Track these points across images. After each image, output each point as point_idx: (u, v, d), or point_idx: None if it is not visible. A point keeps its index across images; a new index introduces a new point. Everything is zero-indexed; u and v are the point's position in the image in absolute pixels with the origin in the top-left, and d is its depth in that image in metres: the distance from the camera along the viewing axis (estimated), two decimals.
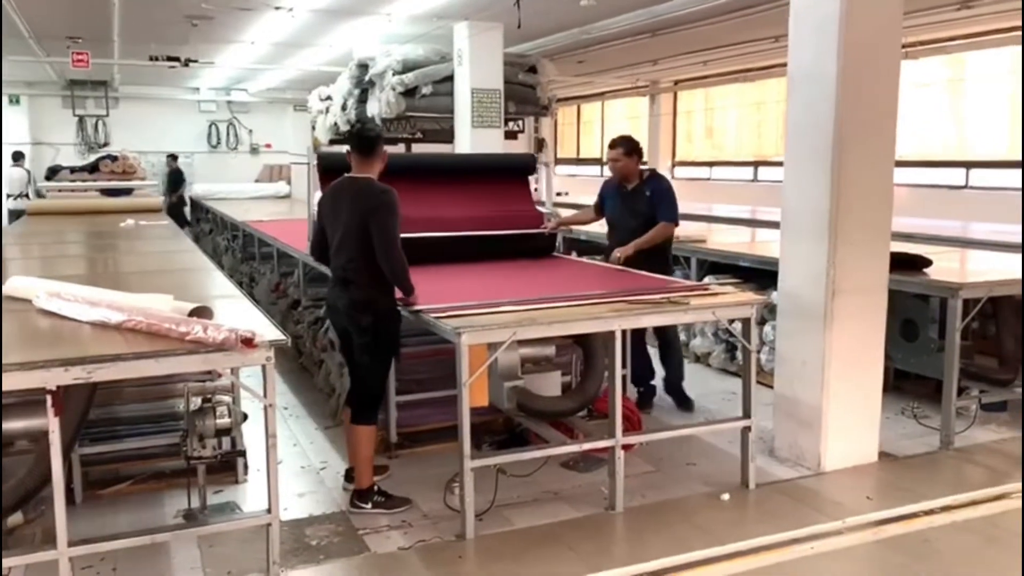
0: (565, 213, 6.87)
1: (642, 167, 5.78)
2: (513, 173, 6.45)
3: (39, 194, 12.98)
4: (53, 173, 13.69)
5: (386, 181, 4.24)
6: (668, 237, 5.66)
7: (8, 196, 13.04)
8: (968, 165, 10.61)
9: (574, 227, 6.92)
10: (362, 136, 4.35)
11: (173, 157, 16.47)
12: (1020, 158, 8.86)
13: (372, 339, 4.18)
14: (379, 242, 4.04)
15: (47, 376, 3.02)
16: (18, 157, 13.88)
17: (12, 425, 3.43)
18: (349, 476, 4.48)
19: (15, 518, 3.57)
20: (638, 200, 5.67)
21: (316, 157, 5.46)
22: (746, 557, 3.72)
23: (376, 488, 4.27)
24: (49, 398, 3.05)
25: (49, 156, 15.95)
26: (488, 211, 5.99)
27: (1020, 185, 9.01)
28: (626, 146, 5.72)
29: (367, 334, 4.18)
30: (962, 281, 5.02)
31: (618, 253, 5.54)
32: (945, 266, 5.50)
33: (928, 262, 5.34)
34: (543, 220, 6.15)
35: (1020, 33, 9.19)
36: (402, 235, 4.15)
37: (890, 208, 4.69)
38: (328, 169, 5.09)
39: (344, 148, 4.55)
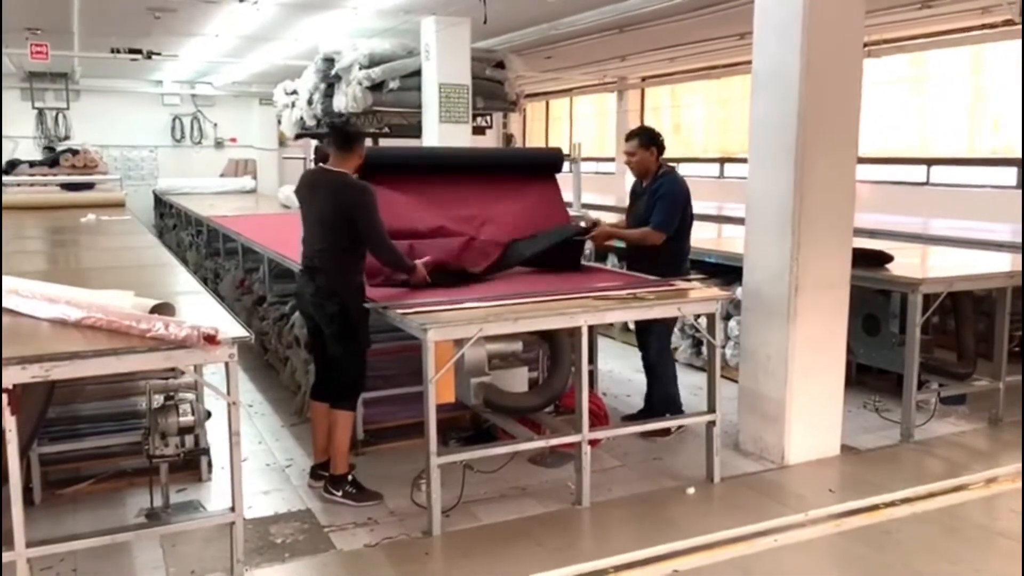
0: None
1: (666, 164, 5.18)
2: (540, 171, 5.73)
3: None
4: (12, 167, 13.40)
5: (396, 178, 4.35)
6: (651, 244, 5.01)
7: None
8: (929, 162, 10.79)
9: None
10: (344, 131, 4.50)
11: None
12: (1020, 156, 8.99)
13: (340, 327, 4.22)
14: (370, 242, 4.20)
15: (3, 374, 2.96)
16: None
17: None
18: (315, 473, 4.45)
19: None
20: (641, 200, 5.16)
21: (314, 149, 5.33)
22: (711, 550, 3.76)
23: (350, 478, 4.26)
24: (5, 396, 2.99)
25: (7, 150, 15.61)
26: (513, 212, 5.34)
27: (1017, 183, 9.14)
28: (642, 138, 5.14)
29: (334, 322, 4.22)
30: (922, 277, 5.11)
31: (596, 233, 5.16)
32: (906, 262, 5.58)
33: (889, 258, 5.42)
34: (575, 223, 5.53)
35: (979, 32, 9.36)
36: (415, 240, 4.46)
37: (852, 205, 4.75)
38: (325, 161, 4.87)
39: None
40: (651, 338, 5.21)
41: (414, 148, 8.17)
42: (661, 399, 5.20)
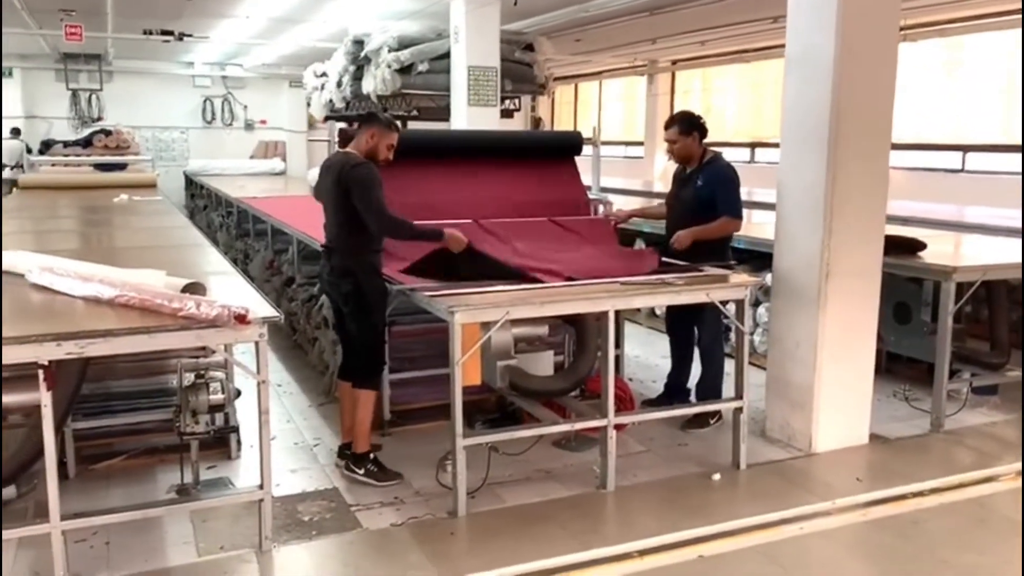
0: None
1: (709, 149, 5.09)
2: (558, 154, 5.75)
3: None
4: (47, 147, 13.61)
5: (416, 161, 4.43)
6: (730, 233, 5.05)
7: (5, 166, 13.04)
8: (965, 149, 10.60)
9: (639, 219, 6.15)
10: (362, 114, 4.48)
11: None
12: (1020, 143, 8.85)
13: (355, 306, 4.26)
14: (366, 216, 4.14)
15: (40, 351, 3.03)
16: (16, 132, 14.28)
17: (5, 399, 3.44)
18: (342, 452, 4.50)
19: (8, 492, 3.58)
20: (687, 186, 5.05)
21: (338, 132, 5.31)
22: (736, 536, 3.75)
23: (372, 457, 4.31)
24: (41, 372, 3.05)
25: (42, 130, 15.85)
26: (531, 196, 5.39)
27: (1020, 170, 9.01)
28: (682, 124, 4.98)
29: (349, 301, 4.27)
30: (956, 265, 5.03)
31: (674, 242, 4.90)
32: (939, 250, 5.50)
33: (922, 245, 5.35)
34: (592, 207, 5.59)
35: (1019, 16, 9.17)
36: (433, 222, 4.31)
37: (885, 191, 4.68)
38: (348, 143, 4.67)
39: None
40: (703, 327, 5.13)
41: (429, 131, 8.15)
42: (706, 391, 5.09)
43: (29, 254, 4.33)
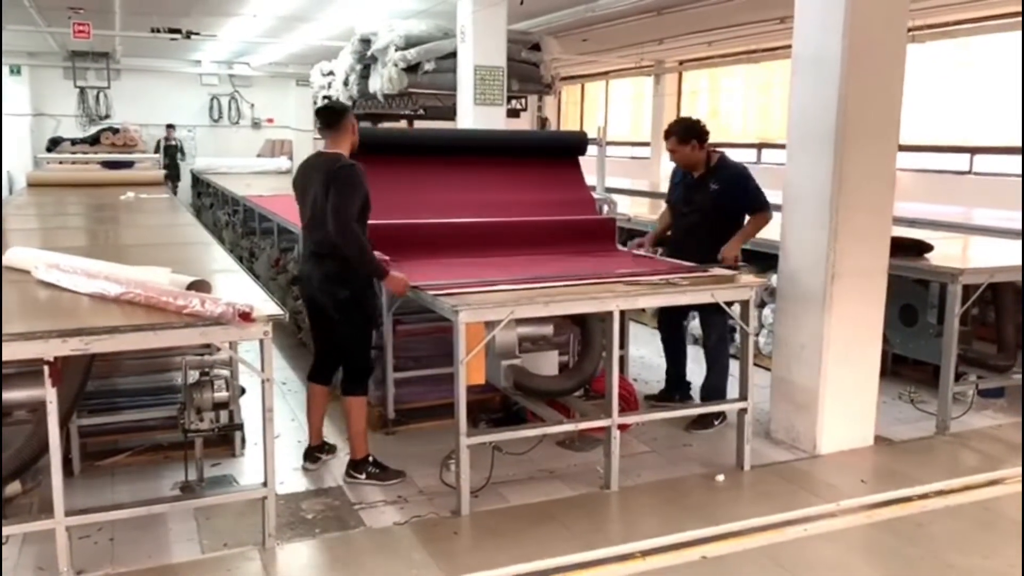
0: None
1: (713, 151, 5.09)
2: (563, 154, 5.77)
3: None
4: (54, 144, 13.66)
5: (420, 159, 4.22)
6: (764, 226, 5.03)
7: None
8: (972, 151, 10.57)
9: (632, 218, 6.38)
10: (329, 110, 4.36)
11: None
12: (1020, 144, 8.84)
13: (350, 313, 4.20)
14: (332, 218, 4.01)
15: (45, 347, 3.04)
16: None
17: (10, 395, 3.45)
18: (310, 455, 4.47)
19: (13, 487, 3.58)
20: (701, 191, 5.05)
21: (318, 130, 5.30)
22: (740, 537, 3.74)
23: (371, 459, 4.30)
24: (47, 369, 3.06)
25: (50, 127, 15.92)
26: (535, 195, 5.41)
27: (1020, 172, 9.00)
28: (679, 134, 4.94)
29: (345, 308, 4.19)
30: (963, 267, 5.01)
31: (726, 255, 4.87)
32: (946, 251, 5.48)
33: (929, 247, 5.33)
34: (597, 207, 5.65)
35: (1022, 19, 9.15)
36: (434, 220, 4.12)
37: (892, 193, 4.67)
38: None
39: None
40: (709, 327, 5.13)
41: (434, 130, 8.14)
42: (711, 391, 5.11)
43: (36, 251, 4.35)
